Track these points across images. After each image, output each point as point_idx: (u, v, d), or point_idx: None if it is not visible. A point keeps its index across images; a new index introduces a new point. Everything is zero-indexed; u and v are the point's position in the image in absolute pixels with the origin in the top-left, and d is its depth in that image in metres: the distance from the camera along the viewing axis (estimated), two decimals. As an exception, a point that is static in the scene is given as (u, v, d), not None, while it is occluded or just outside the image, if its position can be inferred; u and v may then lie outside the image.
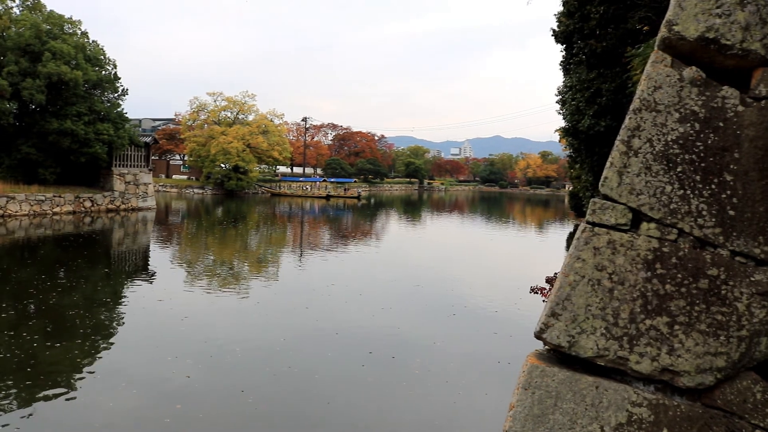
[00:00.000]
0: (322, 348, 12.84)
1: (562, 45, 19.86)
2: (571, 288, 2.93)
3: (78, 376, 10.71)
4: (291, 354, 12.31)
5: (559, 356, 3.00)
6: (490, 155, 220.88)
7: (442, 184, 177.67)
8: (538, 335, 2.98)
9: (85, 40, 46.68)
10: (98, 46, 47.60)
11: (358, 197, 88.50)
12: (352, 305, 17.26)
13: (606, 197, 2.96)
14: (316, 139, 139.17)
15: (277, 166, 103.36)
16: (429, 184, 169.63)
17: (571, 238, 41.57)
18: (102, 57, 47.13)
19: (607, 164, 2.98)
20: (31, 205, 39.36)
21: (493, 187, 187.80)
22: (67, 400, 9.64)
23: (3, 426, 8.57)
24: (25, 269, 21.82)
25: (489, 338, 14.33)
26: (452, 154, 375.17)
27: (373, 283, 21.33)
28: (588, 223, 2.98)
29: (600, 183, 2.98)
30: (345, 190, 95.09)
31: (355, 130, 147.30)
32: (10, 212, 37.64)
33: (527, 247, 36.35)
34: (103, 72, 46.88)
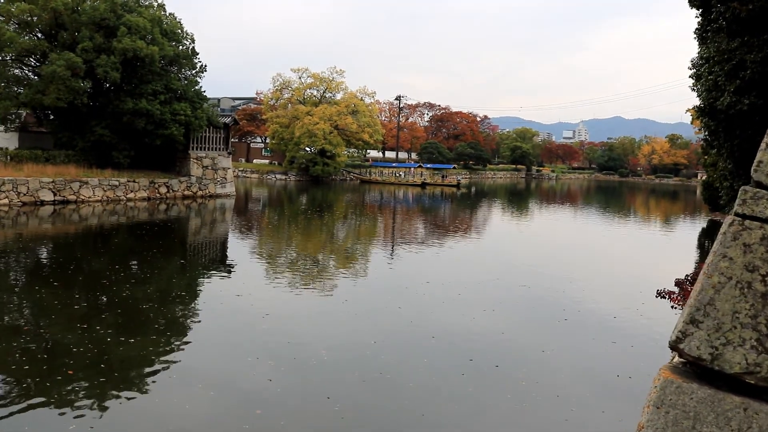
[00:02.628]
0: (417, 353, 12.85)
1: (698, 9, 19.10)
2: (715, 291, 2.79)
3: (152, 374, 11.10)
4: (382, 359, 12.38)
5: (698, 371, 2.87)
6: (609, 139, 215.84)
7: (553, 171, 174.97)
8: (674, 345, 2.86)
9: (162, 12, 48.21)
10: (175, 19, 49.07)
11: (458, 185, 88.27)
12: (450, 306, 17.21)
13: (759, 184, 2.80)
14: (410, 120, 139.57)
15: (368, 150, 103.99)
16: (537, 171, 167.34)
17: (704, 234, 40.20)
18: (179, 31, 48.56)
19: (762, 146, 2.82)
20: (105, 191, 41.09)
21: (612, 175, 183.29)
22: (140, 400, 10.01)
23: (77, 422, 8.98)
24: (98, 259, 22.80)
25: (606, 348, 14.00)
26: (564, 138, 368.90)
27: (473, 282, 21.17)
28: (737, 215, 2.83)
29: (753, 168, 2.81)
30: (443, 177, 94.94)
31: (454, 110, 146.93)
32: (83, 197, 39.42)
33: (651, 246, 35.33)
34: (180, 47, 48.31)
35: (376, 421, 9.76)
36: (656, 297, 15.69)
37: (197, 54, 49.71)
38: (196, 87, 49.08)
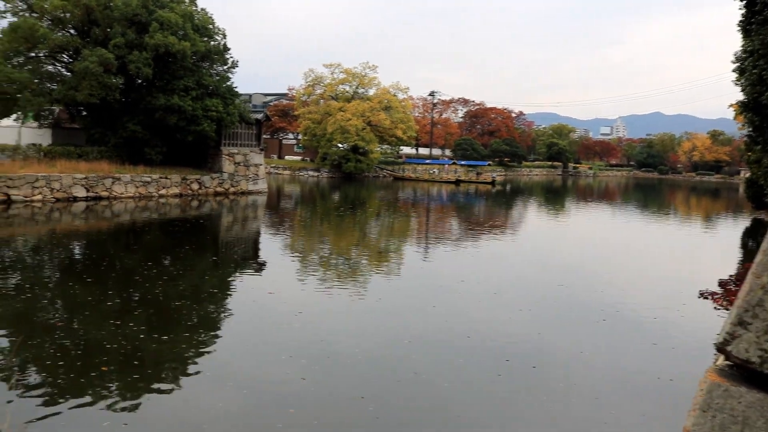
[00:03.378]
0: (452, 353, 12.83)
1: (742, 1, 18.84)
2: (764, 292, 2.74)
3: (184, 372, 11.21)
4: (416, 358, 12.37)
5: (746, 374, 2.82)
6: (648, 135, 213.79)
7: (590, 168, 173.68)
8: (721, 347, 2.81)
9: (193, 8, 48.58)
10: (206, 14, 49.43)
11: (493, 183, 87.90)
12: (486, 305, 17.15)
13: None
14: (444, 116, 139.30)
15: (401, 147, 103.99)
16: (574, 168, 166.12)
17: (747, 233, 39.65)
18: (211, 26, 48.90)
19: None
20: (137, 187, 41.56)
21: (651, 172, 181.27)
22: (173, 397, 10.12)
23: (111, 418, 9.11)
24: (131, 255, 23.07)
25: (646, 349, 13.84)
26: (602, 134, 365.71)
27: (509, 281, 21.09)
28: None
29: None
30: (477, 174, 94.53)
31: (489, 105, 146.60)
32: (115, 194, 39.92)
33: (692, 245, 34.90)
34: (212, 43, 48.64)
35: (410, 421, 9.74)
36: (699, 297, 15.54)
37: (229, 49, 50.04)
38: (228, 83, 49.39)
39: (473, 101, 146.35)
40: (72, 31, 44.94)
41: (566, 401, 10.73)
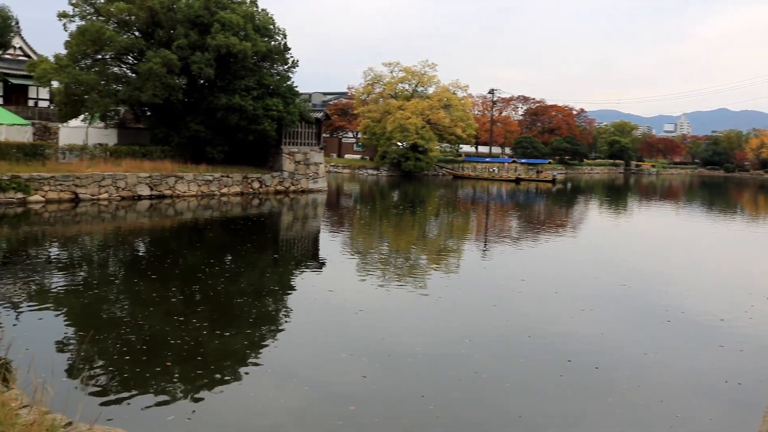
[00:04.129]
0: (513, 352, 12.70)
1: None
2: None
3: (247, 368, 11.31)
4: (477, 357, 12.27)
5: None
6: (713, 132, 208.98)
7: (653, 166, 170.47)
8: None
9: (254, 8, 49.05)
10: (267, 14, 49.85)
11: (553, 181, 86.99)
12: (547, 305, 16.95)
13: None
14: (504, 114, 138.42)
15: (460, 145, 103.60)
16: (637, 166, 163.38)
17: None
18: (271, 26, 49.31)
19: None
20: (199, 185, 42.17)
21: (717, 170, 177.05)
22: (236, 392, 10.20)
23: (175, 412, 9.25)
24: (193, 253, 23.43)
25: (713, 351, 13.51)
26: (665, 131, 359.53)
27: (570, 280, 20.78)
28: None
29: None
30: (537, 172, 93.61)
31: (549, 103, 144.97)
32: (178, 192, 40.58)
33: (761, 245, 34.00)
34: (273, 42, 49.06)
35: (471, 421, 9.65)
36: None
37: (289, 49, 50.38)
38: (288, 82, 49.75)
39: (533, 99, 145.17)
40: (137, 33, 45.83)
41: (631, 403, 10.51)
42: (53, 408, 6.39)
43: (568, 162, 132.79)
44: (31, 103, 59.85)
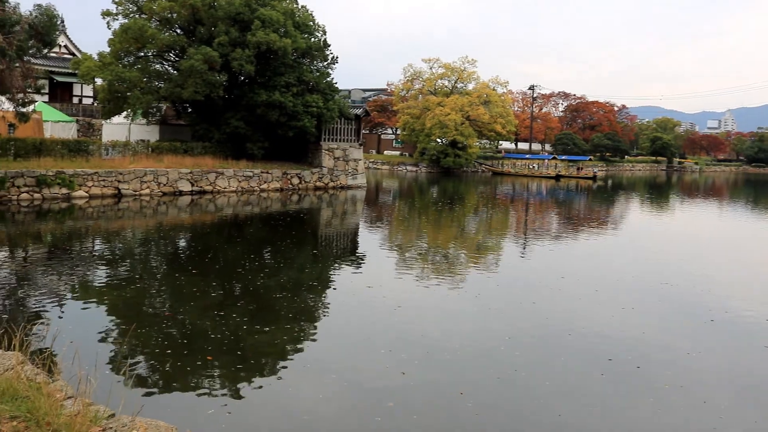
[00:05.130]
0: (553, 350, 12.60)
1: None
2: None
3: (286, 363, 11.38)
4: (517, 355, 12.20)
5: None
6: (759, 129, 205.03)
7: (696, 163, 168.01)
8: None
9: (294, 5, 49.30)
10: (307, 11, 50.09)
11: (594, 178, 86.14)
12: (587, 303, 16.80)
13: None
14: (544, 110, 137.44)
15: (500, 142, 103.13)
16: (679, 163, 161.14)
17: None
18: (311, 23, 49.54)
19: None
20: (239, 181, 42.50)
21: (763, 167, 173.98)
22: (275, 387, 10.28)
23: (215, 405, 9.33)
24: (233, 248, 23.62)
25: (757, 352, 13.25)
26: (709, 128, 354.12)
27: (610, 278, 20.58)
28: None
29: None
30: (578, 169, 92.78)
31: (590, 99, 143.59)
32: (218, 188, 40.93)
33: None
34: (312, 39, 49.22)
35: (510, 419, 9.62)
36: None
37: (329, 46, 50.52)
38: (328, 78, 49.90)
39: (574, 95, 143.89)
40: (178, 30, 46.39)
41: (672, 404, 10.38)
42: (96, 400, 6.48)
43: (609, 159, 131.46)
44: (75, 100, 60.91)
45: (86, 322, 13.16)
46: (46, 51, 38.43)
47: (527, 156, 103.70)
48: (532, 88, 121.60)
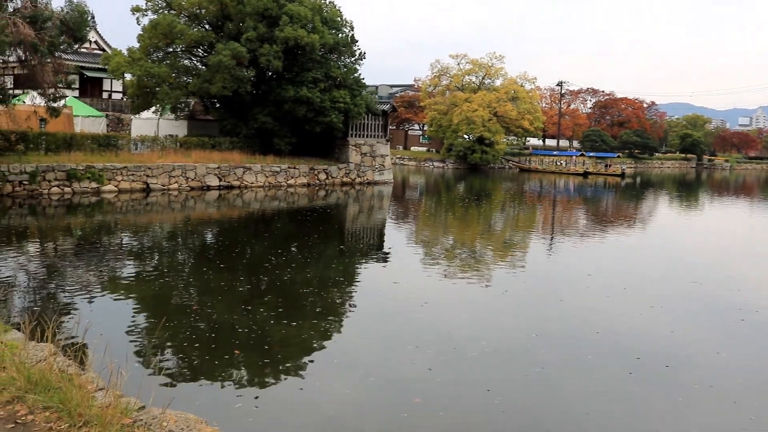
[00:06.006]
0: (581, 348, 12.53)
1: None
2: None
3: (313, 358, 11.43)
4: (544, 352, 12.16)
5: None
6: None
7: (727, 161, 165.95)
8: None
9: (322, 1, 49.33)
10: (335, 6, 50.11)
11: (622, 175, 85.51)
12: (615, 301, 16.68)
13: None
14: (572, 106, 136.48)
15: (527, 138, 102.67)
16: (709, 160, 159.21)
17: None
18: (339, 19, 49.56)
19: None
20: (266, 176, 42.70)
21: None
22: (302, 382, 10.33)
23: (243, 399, 9.39)
24: (260, 243, 23.79)
25: (791, 353, 13.13)
26: (740, 125, 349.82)
27: (639, 276, 20.39)
28: None
29: None
30: (606, 166, 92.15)
31: (619, 96, 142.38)
32: (246, 183, 41.16)
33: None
34: (340, 35, 49.24)
35: (537, 416, 9.58)
36: None
37: (356, 41, 50.54)
38: (355, 74, 49.89)
39: (602, 91, 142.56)
40: (207, 26, 46.62)
41: (702, 404, 10.31)
42: (127, 392, 6.57)
43: (638, 156, 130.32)
44: (105, 95, 61.46)
45: (116, 315, 13.31)
46: (76, 47, 38.88)
47: (555, 153, 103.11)
48: (560, 84, 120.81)
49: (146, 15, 45.38)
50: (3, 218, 25.91)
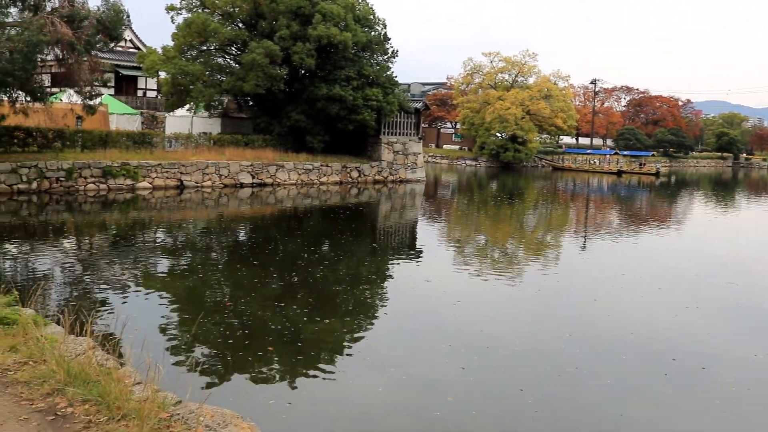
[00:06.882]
0: (615, 349, 12.45)
1: None
2: None
3: (345, 355, 11.49)
4: (578, 353, 12.10)
5: None
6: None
7: (764, 159, 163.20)
8: None
9: (355, -1, 49.41)
10: (368, 5, 50.17)
11: (657, 174, 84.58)
12: (650, 301, 16.51)
13: None
14: (606, 104, 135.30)
15: (560, 137, 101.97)
16: (746, 159, 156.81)
17: None
18: (371, 17, 49.59)
19: None
20: (299, 174, 42.88)
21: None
22: (335, 379, 10.39)
23: (276, 395, 9.49)
24: (293, 240, 23.87)
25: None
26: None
27: (673, 276, 20.19)
28: None
29: None
30: (640, 165, 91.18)
31: (653, 93, 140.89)
32: (278, 181, 41.37)
33: None
34: (372, 33, 49.31)
35: (570, 417, 9.53)
36: None
37: (389, 39, 50.53)
38: (388, 72, 49.87)
39: (637, 89, 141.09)
40: (240, 24, 46.90)
41: (739, 406, 10.18)
42: (163, 387, 6.65)
43: (673, 155, 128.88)
44: (140, 93, 62.16)
45: (151, 310, 13.47)
46: (112, 45, 39.30)
47: (588, 151, 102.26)
48: (594, 82, 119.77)
49: (180, 14, 45.89)
50: (41, 214, 26.35)
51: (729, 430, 9.38)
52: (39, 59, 28.40)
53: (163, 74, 48.15)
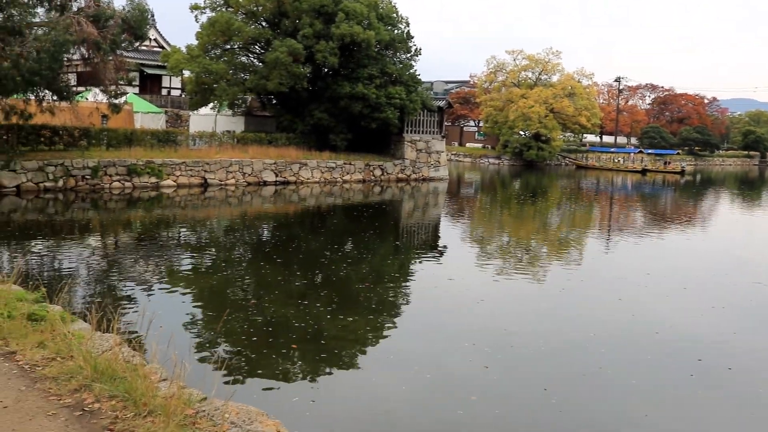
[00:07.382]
0: (640, 349, 12.37)
1: None
2: None
3: (369, 354, 11.53)
4: (602, 352, 12.05)
5: None
6: None
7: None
8: None
9: (378, -3, 49.39)
10: (390, 3, 50.05)
11: (682, 173, 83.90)
12: (675, 300, 16.42)
13: None
14: (630, 102, 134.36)
15: (584, 135, 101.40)
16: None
17: None
18: (394, 15, 49.50)
19: None
20: (322, 172, 42.97)
21: None
22: (358, 377, 10.43)
23: (299, 393, 9.53)
24: (316, 238, 23.95)
25: None
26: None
27: (699, 276, 20.05)
28: None
29: None
30: (665, 163, 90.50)
31: (678, 91, 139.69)
32: (302, 179, 41.49)
33: None
34: (396, 31, 49.22)
35: (594, 417, 9.49)
36: None
37: (412, 37, 50.45)
38: (411, 70, 49.83)
39: (662, 87, 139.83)
40: (264, 23, 47.05)
41: (767, 408, 10.11)
42: (189, 383, 6.70)
43: (698, 153, 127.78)
44: (164, 91, 62.51)
45: (176, 307, 13.55)
46: (137, 44, 39.63)
47: (612, 149, 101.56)
48: (618, 80, 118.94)
49: (204, 13, 46.02)
50: (67, 212, 26.61)
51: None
52: (65, 59, 28.68)
53: (187, 73, 48.48)
